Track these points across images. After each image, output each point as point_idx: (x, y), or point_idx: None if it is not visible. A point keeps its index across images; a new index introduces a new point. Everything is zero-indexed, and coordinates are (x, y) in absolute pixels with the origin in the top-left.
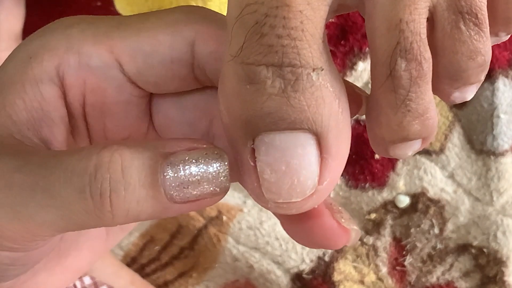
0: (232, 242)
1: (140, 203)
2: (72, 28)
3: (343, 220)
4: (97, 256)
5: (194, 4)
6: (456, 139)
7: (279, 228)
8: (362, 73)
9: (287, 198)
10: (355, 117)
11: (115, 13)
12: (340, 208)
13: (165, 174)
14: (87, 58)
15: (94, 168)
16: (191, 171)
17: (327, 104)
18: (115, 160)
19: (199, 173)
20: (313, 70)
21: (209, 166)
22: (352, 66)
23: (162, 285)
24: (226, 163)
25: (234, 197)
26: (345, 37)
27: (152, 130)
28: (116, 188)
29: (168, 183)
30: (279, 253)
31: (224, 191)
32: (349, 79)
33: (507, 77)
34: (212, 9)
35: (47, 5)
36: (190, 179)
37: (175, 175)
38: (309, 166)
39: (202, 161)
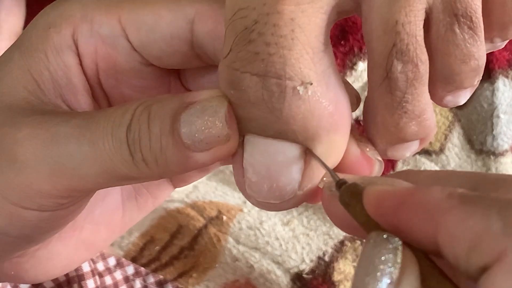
0: (232, 242)
1: (163, 150)
2: None
3: (368, 150)
4: (113, 235)
5: None
6: (456, 139)
7: (279, 228)
8: (362, 73)
9: (266, 198)
10: (354, 117)
11: None
12: (365, 138)
13: (182, 123)
14: (98, 26)
15: (130, 121)
16: (198, 120)
17: (316, 117)
18: (145, 112)
19: (203, 122)
20: (301, 83)
21: (211, 116)
22: (352, 66)
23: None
24: (223, 111)
25: (234, 197)
26: (345, 37)
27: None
28: (143, 137)
29: (183, 131)
30: (279, 253)
31: (226, 138)
32: (349, 79)
33: (507, 77)
34: None
35: (48, 4)
36: (197, 127)
37: (189, 124)
38: (289, 174)
39: (207, 111)
